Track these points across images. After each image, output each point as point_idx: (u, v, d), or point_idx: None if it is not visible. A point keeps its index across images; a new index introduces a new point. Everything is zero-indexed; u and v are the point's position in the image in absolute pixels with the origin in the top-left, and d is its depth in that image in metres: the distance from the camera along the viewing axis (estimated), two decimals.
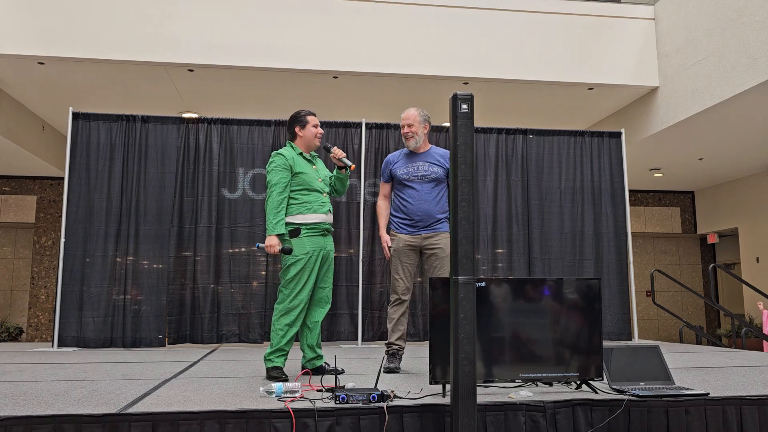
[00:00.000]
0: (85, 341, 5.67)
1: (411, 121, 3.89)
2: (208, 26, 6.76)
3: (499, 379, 2.95)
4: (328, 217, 3.64)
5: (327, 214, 3.63)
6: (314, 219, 3.57)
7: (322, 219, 3.59)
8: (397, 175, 3.94)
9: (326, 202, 3.66)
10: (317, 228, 3.58)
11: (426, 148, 3.97)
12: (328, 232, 3.66)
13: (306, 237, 3.54)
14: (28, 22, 6.48)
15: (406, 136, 3.91)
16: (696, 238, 12.21)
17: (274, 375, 3.43)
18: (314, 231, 3.57)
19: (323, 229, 3.61)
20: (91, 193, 5.89)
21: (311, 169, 3.67)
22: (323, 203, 3.63)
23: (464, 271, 2.43)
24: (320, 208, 3.60)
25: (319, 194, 3.63)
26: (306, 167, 3.65)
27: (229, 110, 8.15)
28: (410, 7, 7.13)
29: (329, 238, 3.68)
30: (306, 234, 3.55)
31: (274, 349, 3.49)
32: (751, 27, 6.18)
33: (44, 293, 10.21)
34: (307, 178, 3.60)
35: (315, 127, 3.72)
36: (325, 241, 3.63)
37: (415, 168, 3.90)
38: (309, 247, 3.53)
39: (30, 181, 10.38)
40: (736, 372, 3.83)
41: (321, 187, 3.66)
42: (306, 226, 3.55)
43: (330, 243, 3.69)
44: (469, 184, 2.48)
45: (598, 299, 3.08)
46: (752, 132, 7.84)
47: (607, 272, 6.42)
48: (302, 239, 3.53)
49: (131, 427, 2.43)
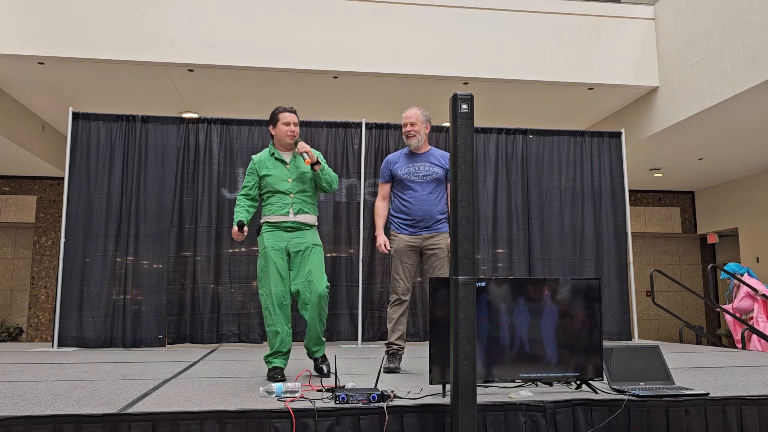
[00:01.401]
0: (85, 341, 5.67)
1: (413, 120, 3.89)
2: (208, 26, 6.76)
3: (499, 379, 2.95)
4: (292, 217, 3.57)
5: (288, 215, 3.57)
6: (273, 219, 3.58)
7: (281, 219, 3.57)
8: (398, 174, 3.94)
9: (291, 203, 3.59)
10: (278, 225, 3.57)
11: (426, 149, 3.99)
12: (293, 228, 3.58)
13: (265, 233, 3.59)
14: (28, 22, 6.48)
15: (408, 134, 3.91)
16: (696, 238, 12.21)
17: (270, 376, 3.45)
18: (274, 227, 3.58)
19: (285, 226, 3.57)
20: (91, 193, 5.89)
21: (281, 170, 3.63)
22: (285, 204, 3.58)
23: (464, 271, 2.43)
24: (280, 209, 3.57)
25: (283, 195, 3.59)
26: (275, 169, 3.63)
27: (229, 110, 8.15)
28: (410, 7, 7.13)
29: (299, 233, 3.59)
30: (265, 230, 3.60)
31: (270, 351, 3.53)
32: (751, 27, 6.18)
33: (44, 293, 10.21)
34: (271, 180, 3.60)
35: (286, 125, 3.63)
36: (289, 236, 3.57)
37: (416, 168, 3.91)
38: (267, 242, 3.55)
39: (30, 181, 10.38)
40: (736, 372, 3.83)
41: (288, 188, 3.60)
42: (266, 224, 3.61)
43: (300, 237, 3.58)
44: (469, 184, 2.48)
45: (598, 299, 3.09)
46: (752, 132, 7.84)
47: (607, 272, 6.42)
48: (262, 235, 3.61)
49: (131, 427, 2.43)
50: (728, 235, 11.55)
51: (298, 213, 3.59)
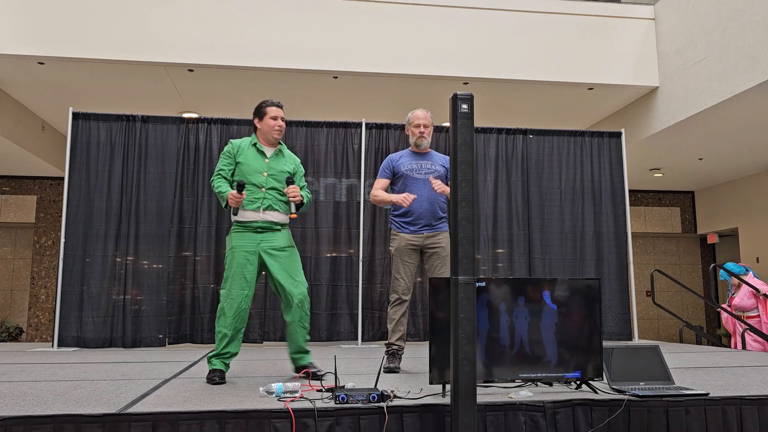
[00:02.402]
0: (85, 341, 5.67)
1: (427, 123, 4.04)
2: (208, 26, 6.76)
3: (499, 379, 2.95)
4: (261, 214, 3.43)
5: (258, 211, 3.42)
6: (242, 218, 3.43)
7: (251, 218, 3.42)
8: (401, 170, 3.98)
9: (262, 198, 3.43)
10: (247, 226, 3.43)
11: (427, 151, 4.11)
12: (263, 229, 3.44)
13: (234, 233, 3.46)
14: (28, 22, 6.48)
15: (421, 135, 4.01)
16: (696, 238, 12.20)
17: (209, 378, 3.31)
18: (243, 228, 3.44)
19: (255, 227, 3.43)
20: (91, 193, 5.89)
21: (259, 162, 3.48)
22: (256, 198, 3.42)
23: (464, 271, 2.43)
24: (250, 204, 3.41)
25: (255, 189, 3.43)
26: (252, 158, 3.49)
27: (229, 110, 8.15)
28: (410, 7, 7.12)
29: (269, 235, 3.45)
30: (234, 230, 3.46)
31: (214, 352, 3.40)
32: (751, 27, 6.18)
33: (44, 293, 10.21)
34: (245, 169, 3.45)
35: (273, 119, 3.52)
36: (259, 237, 3.43)
37: (419, 165, 4.00)
38: (235, 242, 3.42)
39: (30, 181, 10.38)
40: (736, 372, 3.83)
41: (261, 182, 3.45)
42: (236, 223, 3.46)
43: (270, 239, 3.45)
44: (469, 184, 2.48)
45: (598, 299, 3.09)
46: (752, 132, 7.83)
47: (607, 272, 6.42)
48: (231, 234, 3.47)
49: (131, 427, 2.43)
50: (728, 235, 11.55)
51: (267, 209, 3.44)
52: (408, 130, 4.10)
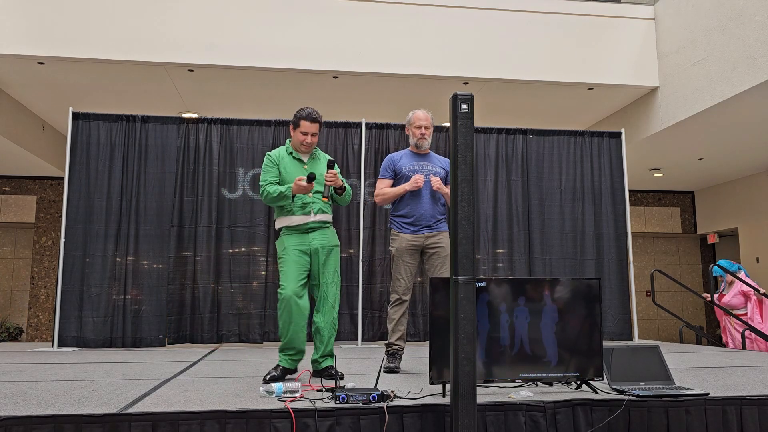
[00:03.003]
0: (85, 341, 5.67)
1: (428, 124, 4.05)
2: (208, 26, 6.76)
3: (499, 379, 2.95)
4: (312, 217, 3.53)
5: (308, 215, 3.52)
6: (291, 222, 3.52)
7: (300, 221, 3.51)
8: (402, 171, 4.00)
9: (311, 203, 3.54)
10: (298, 229, 3.52)
11: (427, 152, 4.13)
12: (314, 229, 3.55)
13: (285, 236, 3.54)
14: (28, 22, 6.48)
15: (423, 136, 4.02)
16: (696, 238, 12.20)
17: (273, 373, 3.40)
18: (294, 231, 3.52)
19: (306, 228, 3.53)
20: (91, 193, 5.89)
21: (299, 169, 3.58)
22: (306, 204, 3.52)
23: (464, 271, 2.42)
24: (300, 209, 3.51)
25: (302, 195, 3.53)
26: (291, 167, 3.58)
27: (229, 110, 8.15)
28: (410, 7, 7.12)
29: (319, 233, 3.56)
30: (285, 234, 3.54)
31: (280, 347, 3.49)
32: (751, 27, 6.18)
33: (44, 293, 10.21)
34: (288, 178, 3.55)
35: (303, 134, 3.56)
36: (310, 237, 3.53)
37: (420, 166, 4.02)
38: (287, 243, 3.51)
39: (30, 181, 10.38)
40: (736, 372, 3.83)
41: None
42: (286, 228, 3.55)
43: (321, 238, 3.56)
44: (469, 184, 2.48)
45: (598, 299, 3.09)
46: (752, 132, 7.83)
47: (607, 272, 6.42)
48: (282, 238, 3.55)
49: (131, 427, 2.43)
50: (728, 235, 11.54)
51: (318, 212, 3.55)
52: (408, 130, 4.10)
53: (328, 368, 3.56)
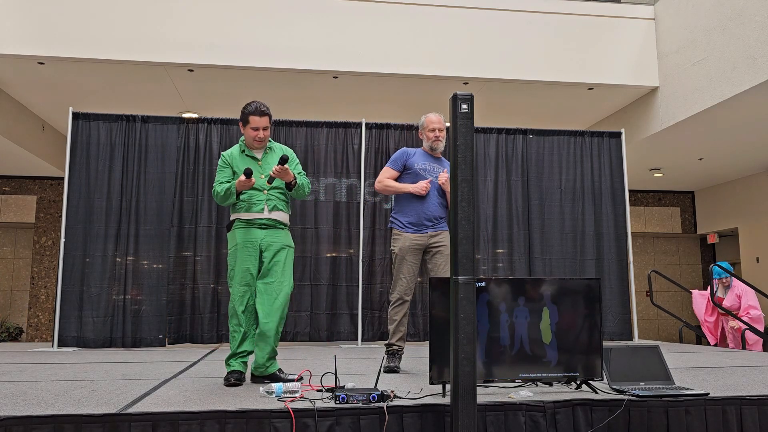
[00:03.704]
0: (85, 341, 5.67)
1: (441, 126, 4.05)
2: (208, 26, 6.76)
3: (499, 379, 2.95)
4: (267, 214, 3.43)
5: (263, 212, 3.43)
6: (246, 216, 3.44)
7: (255, 216, 3.42)
8: (414, 167, 3.99)
9: (266, 200, 3.44)
10: (251, 222, 3.43)
11: (439, 156, 4.14)
12: (267, 226, 3.45)
13: (237, 229, 3.45)
14: (28, 22, 6.48)
15: (438, 139, 4.02)
16: (696, 238, 12.20)
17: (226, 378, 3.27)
18: (247, 224, 3.43)
19: (260, 223, 3.43)
20: (91, 193, 5.89)
21: (253, 166, 3.48)
22: (259, 200, 3.43)
23: (464, 271, 2.42)
24: (254, 206, 3.43)
25: (256, 192, 3.44)
26: (243, 166, 3.48)
27: (229, 110, 8.15)
28: (410, 7, 7.12)
29: (272, 231, 3.45)
30: (237, 226, 3.45)
31: (230, 353, 3.38)
32: (751, 27, 6.18)
33: (44, 293, 10.21)
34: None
35: (254, 130, 3.44)
36: (262, 233, 3.43)
37: (432, 167, 4.03)
38: (239, 238, 3.42)
39: (30, 181, 10.38)
40: (736, 372, 3.83)
41: (261, 184, 3.45)
42: (238, 220, 3.46)
43: (273, 236, 3.45)
44: (469, 184, 2.48)
45: (598, 299, 3.09)
46: (752, 132, 7.83)
47: (607, 272, 6.42)
48: (234, 231, 3.46)
49: (131, 427, 2.43)
50: (728, 235, 11.54)
51: (272, 210, 3.45)
52: (422, 134, 4.08)
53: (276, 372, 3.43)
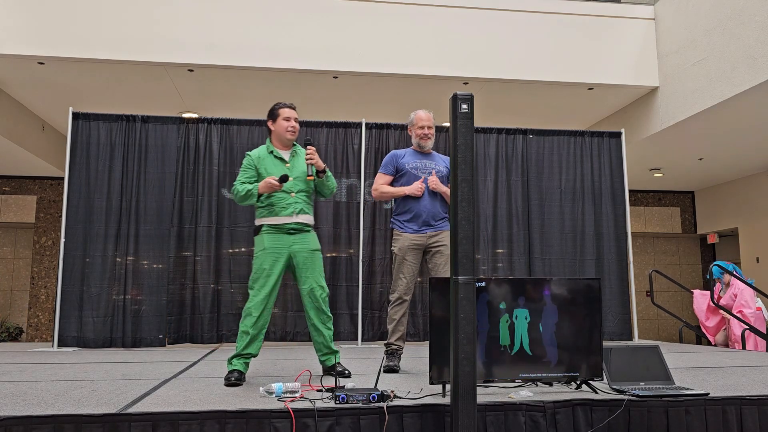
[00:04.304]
0: (85, 341, 5.67)
1: (430, 124, 4.06)
2: (208, 26, 6.76)
3: (499, 379, 2.95)
4: (295, 218, 3.48)
5: (292, 216, 3.47)
6: (274, 221, 3.47)
7: (284, 221, 3.46)
8: (405, 168, 4.00)
9: (294, 203, 3.50)
10: (280, 228, 3.47)
11: (430, 152, 4.14)
12: (296, 231, 3.51)
13: (266, 234, 3.47)
14: (28, 22, 6.48)
15: (426, 136, 4.03)
16: (696, 238, 12.20)
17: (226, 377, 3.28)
18: (275, 230, 3.47)
19: (288, 228, 3.48)
20: (91, 193, 5.89)
21: (281, 168, 3.53)
22: (288, 204, 3.48)
23: (464, 271, 2.42)
24: (283, 210, 3.46)
25: (284, 195, 3.48)
26: (274, 168, 3.53)
27: (229, 110, 8.15)
28: (410, 7, 7.12)
29: (301, 236, 3.51)
30: (266, 231, 3.48)
31: (235, 353, 3.41)
32: (751, 27, 6.18)
33: (44, 293, 10.21)
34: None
35: (287, 120, 3.55)
36: (291, 239, 3.47)
37: (423, 164, 4.03)
38: (267, 243, 3.45)
39: (30, 181, 10.38)
40: (736, 372, 3.83)
41: (289, 187, 3.50)
42: (266, 226, 3.49)
43: (302, 241, 3.51)
44: (469, 184, 2.48)
45: (598, 299, 3.09)
46: (752, 132, 7.83)
47: (607, 272, 6.42)
48: (262, 235, 3.49)
49: (131, 427, 2.43)
50: (728, 235, 11.54)
51: (300, 213, 3.50)
52: (411, 130, 4.10)
53: (335, 365, 3.57)
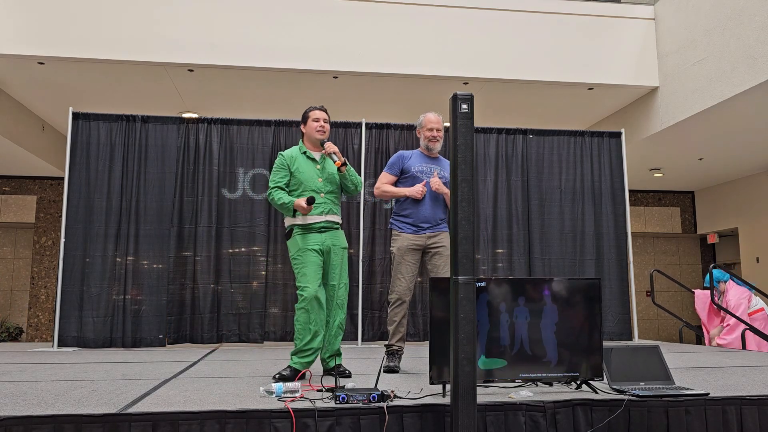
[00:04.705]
0: (85, 341, 5.67)
1: (439, 126, 4.04)
2: (208, 26, 6.76)
3: (499, 379, 2.95)
4: (325, 217, 3.60)
5: (321, 215, 3.59)
6: (304, 221, 3.57)
7: (314, 220, 3.57)
8: (411, 170, 3.99)
9: (323, 203, 3.61)
10: (310, 227, 3.57)
11: (437, 156, 4.13)
12: (326, 228, 3.61)
13: (298, 235, 3.57)
14: (28, 22, 6.48)
15: (435, 138, 4.02)
16: (696, 238, 12.20)
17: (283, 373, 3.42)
18: (306, 230, 3.57)
19: (319, 227, 3.58)
20: (91, 193, 5.89)
21: (312, 169, 3.64)
22: (318, 204, 3.58)
23: (464, 271, 2.42)
24: (313, 210, 3.56)
25: (315, 194, 3.60)
26: (305, 167, 3.64)
27: (229, 110, 8.15)
28: (410, 7, 7.12)
29: (332, 233, 3.63)
30: (297, 233, 3.58)
31: (295, 349, 3.52)
32: (751, 27, 6.18)
33: (44, 293, 10.21)
34: (302, 178, 3.60)
35: (315, 121, 3.69)
36: (323, 237, 3.58)
37: (429, 168, 4.02)
38: (301, 243, 3.54)
39: (30, 181, 10.38)
40: (736, 372, 3.83)
41: (319, 187, 3.61)
42: (297, 226, 3.59)
43: (333, 238, 3.62)
44: (469, 184, 2.48)
45: (598, 299, 3.08)
46: (752, 132, 7.83)
47: (607, 272, 6.42)
48: (294, 237, 3.58)
49: (131, 427, 2.43)
50: (728, 235, 11.54)
51: (328, 213, 3.61)
52: (419, 132, 4.09)
53: (336, 366, 3.63)
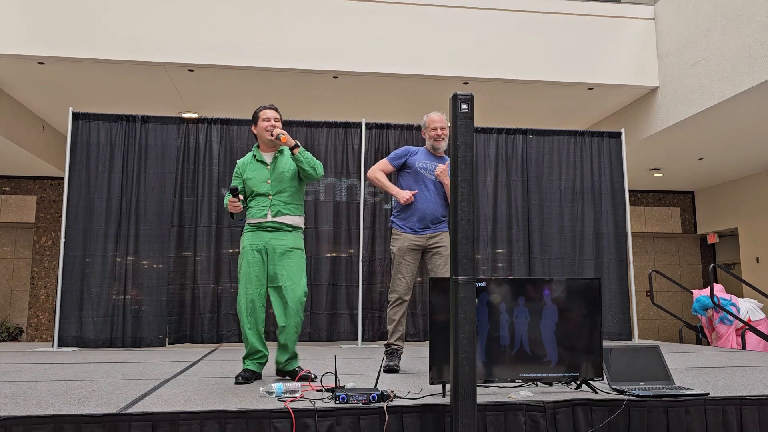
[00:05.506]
0: (86, 341, 5.67)
1: (443, 125, 4.03)
2: (208, 26, 6.76)
3: (499, 379, 2.95)
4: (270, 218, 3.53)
5: (266, 217, 3.52)
6: (253, 220, 3.56)
7: (257, 221, 3.55)
8: (414, 165, 3.99)
9: (269, 205, 3.54)
10: (258, 226, 3.55)
11: (442, 155, 4.12)
12: (273, 229, 3.53)
13: (246, 233, 3.59)
14: (28, 22, 6.47)
15: (440, 137, 4.01)
16: (696, 238, 12.20)
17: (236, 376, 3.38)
18: (254, 228, 3.56)
19: (265, 226, 3.53)
20: (91, 193, 5.89)
21: (261, 172, 3.58)
22: (264, 206, 3.54)
23: (464, 271, 2.42)
24: (259, 212, 3.54)
25: (262, 198, 3.55)
26: (254, 172, 3.59)
27: (229, 110, 8.15)
28: (410, 7, 7.12)
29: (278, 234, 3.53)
30: (247, 230, 3.60)
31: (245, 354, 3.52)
32: (751, 27, 6.18)
33: (44, 293, 10.21)
34: (251, 184, 3.58)
35: (266, 120, 3.60)
36: (269, 236, 3.53)
37: (433, 166, 4.01)
38: (246, 241, 3.55)
39: (30, 181, 10.38)
40: (736, 372, 3.83)
41: (266, 190, 3.55)
42: (248, 224, 3.61)
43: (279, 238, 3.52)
44: (469, 184, 2.48)
45: (598, 299, 3.08)
46: (752, 132, 7.83)
47: (607, 272, 6.42)
48: (243, 235, 3.61)
49: (131, 427, 2.43)
50: (728, 235, 11.54)
51: (276, 215, 3.54)
52: (424, 133, 4.09)
53: (294, 370, 3.54)
